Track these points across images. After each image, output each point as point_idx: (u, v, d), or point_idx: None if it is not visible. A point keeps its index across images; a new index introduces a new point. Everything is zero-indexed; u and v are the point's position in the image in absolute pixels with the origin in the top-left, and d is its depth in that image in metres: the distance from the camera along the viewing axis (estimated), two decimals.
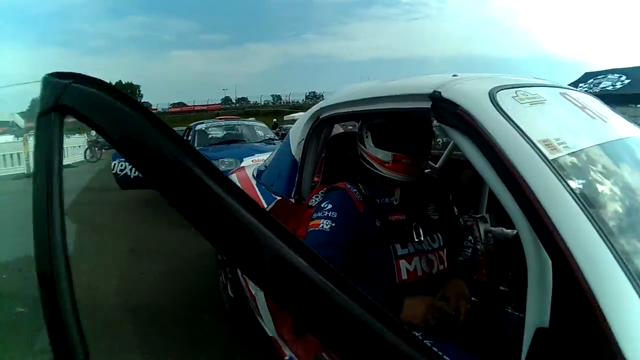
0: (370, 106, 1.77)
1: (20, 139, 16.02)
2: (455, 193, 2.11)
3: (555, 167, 1.06)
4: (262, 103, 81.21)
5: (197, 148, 7.75)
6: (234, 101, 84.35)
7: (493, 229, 2.96)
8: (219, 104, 75.74)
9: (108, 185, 8.42)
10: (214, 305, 3.63)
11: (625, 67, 12.81)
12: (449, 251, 1.87)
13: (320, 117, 2.22)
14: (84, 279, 4.19)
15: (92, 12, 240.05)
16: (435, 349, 1.43)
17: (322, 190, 2.05)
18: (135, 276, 4.55)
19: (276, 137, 10.39)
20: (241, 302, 3.06)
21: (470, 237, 2.05)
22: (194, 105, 73.79)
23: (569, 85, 1.71)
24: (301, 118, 2.45)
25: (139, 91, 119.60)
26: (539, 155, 1.08)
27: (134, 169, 7.27)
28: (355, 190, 1.81)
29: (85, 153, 20.73)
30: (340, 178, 1.92)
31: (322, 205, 1.80)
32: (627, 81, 12.17)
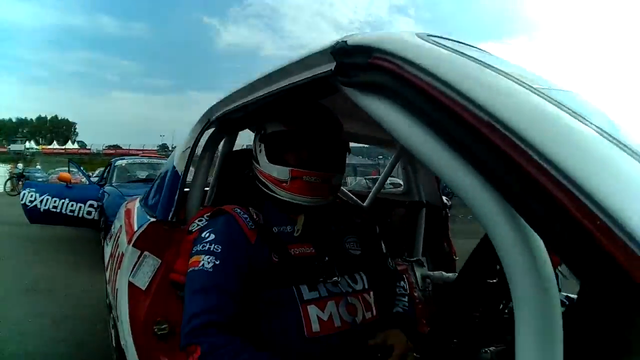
0: (263, 90, 1.38)
1: None
2: (386, 234, 1.72)
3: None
4: None
5: (114, 184, 7.36)
6: (170, 148, 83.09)
7: (431, 273, 2.71)
8: (155, 150, 74.71)
9: (22, 220, 7.79)
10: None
11: None
12: (378, 296, 1.47)
13: (211, 119, 1.80)
14: None
15: (37, 41, 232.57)
16: None
17: (207, 214, 1.59)
18: (22, 320, 4.02)
19: None
20: None
21: (402, 283, 1.65)
22: (129, 149, 72.38)
23: None
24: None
25: (75, 129, 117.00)
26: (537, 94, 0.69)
27: (44, 201, 6.80)
28: (246, 216, 1.41)
29: (5, 184, 19.56)
30: (233, 202, 1.52)
31: (203, 235, 1.39)
32: None
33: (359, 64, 0.92)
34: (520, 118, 0.63)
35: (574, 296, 1.27)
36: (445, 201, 2.92)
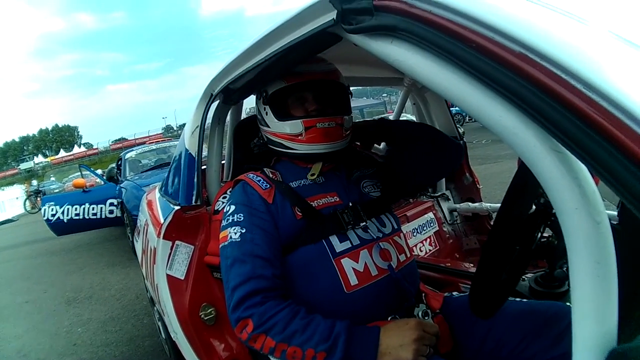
0: (262, 54, 1.31)
1: None
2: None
3: None
4: None
5: (128, 177, 7.32)
6: (175, 128, 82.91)
7: (458, 205, 2.69)
8: (161, 133, 74.61)
9: (48, 235, 7.88)
10: (156, 353, 3.18)
11: None
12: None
13: (214, 92, 1.73)
14: (12, 345, 3.92)
15: (19, 55, 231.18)
16: None
17: (229, 189, 1.57)
18: (72, 330, 4.05)
19: None
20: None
21: None
22: (136, 139, 72.29)
23: None
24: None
25: (78, 132, 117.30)
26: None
27: (65, 211, 6.81)
28: (259, 178, 1.40)
29: (24, 204, 19.68)
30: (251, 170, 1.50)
31: (226, 209, 1.37)
32: None
33: (364, 8, 0.84)
34: (552, 44, 0.56)
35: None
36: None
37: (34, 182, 26.83)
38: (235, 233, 1.27)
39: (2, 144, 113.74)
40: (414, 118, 3.10)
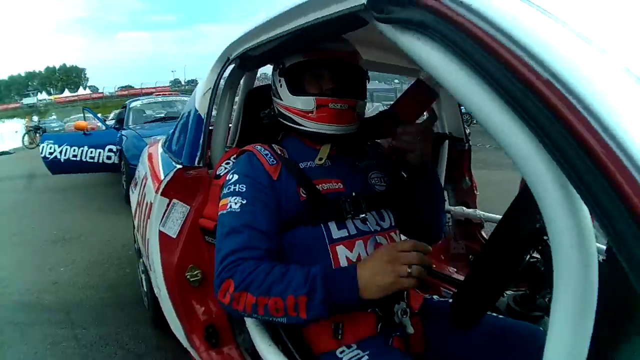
0: (285, 27, 1.28)
1: None
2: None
3: None
4: None
5: (130, 126, 7.29)
6: (183, 83, 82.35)
7: (452, 208, 2.66)
8: (168, 86, 74.14)
9: (43, 171, 7.79)
10: (135, 304, 3.20)
11: None
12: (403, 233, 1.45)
13: (231, 57, 1.69)
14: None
15: None
16: None
17: (233, 156, 1.58)
18: (54, 269, 4.12)
19: None
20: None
21: None
22: (142, 88, 71.85)
23: None
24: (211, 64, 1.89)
25: (85, 74, 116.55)
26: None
27: (63, 151, 6.79)
28: (266, 152, 1.37)
29: (23, 139, 19.65)
30: (258, 140, 1.48)
31: (228, 177, 1.36)
32: None
33: None
34: (579, 78, 0.54)
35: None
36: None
37: (35, 118, 26.71)
38: (236, 203, 1.26)
39: (7, 76, 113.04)
40: None
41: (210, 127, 1.85)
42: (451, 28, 0.69)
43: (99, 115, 9.74)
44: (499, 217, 2.34)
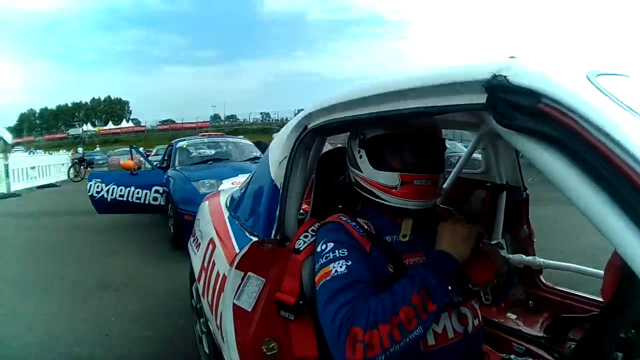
0: (384, 106, 1.22)
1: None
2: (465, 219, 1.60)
3: None
4: (251, 120, 79.25)
5: (177, 168, 7.39)
6: (222, 119, 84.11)
7: (510, 256, 2.62)
8: (208, 121, 76.06)
9: (87, 207, 7.93)
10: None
11: None
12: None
13: (309, 126, 1.66)
14: (43, 325, 3.85)
15: (84, 26, 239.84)
16: None
17: (312, 227, 1.57)
18: (105, 319, 4.00)
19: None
20: None
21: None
22: (183, 123, 74.01)
23: None
24: (283, 129, 1.89)
25: (128, 107, 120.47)
26: None
27: (110, 191, 6.93)
28: (354, 224, 1.39)
29: (68, 172, 20.26)
30: (335, 209, 1.51)
31: (320, 249, 1.37)
32: None
33: (523, 107, 0.79)
34: None
35: None
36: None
37: (80, 150, 27.66)
38: (341, 267, 1.26)
39: (55, 106, 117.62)
40: (463, 148, 3.03)
41: None
42: (585, 147, 0.69)
43: (141, 149, 9.88)
44: (559, 263, 2.32)
